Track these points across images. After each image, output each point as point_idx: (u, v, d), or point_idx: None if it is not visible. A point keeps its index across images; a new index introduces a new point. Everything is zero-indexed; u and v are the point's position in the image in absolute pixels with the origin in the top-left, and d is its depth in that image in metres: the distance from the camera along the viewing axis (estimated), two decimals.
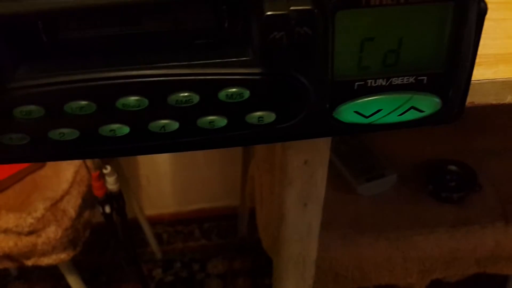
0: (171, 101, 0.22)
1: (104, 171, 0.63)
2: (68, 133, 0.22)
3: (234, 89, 0.22)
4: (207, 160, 1.33)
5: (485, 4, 0.22)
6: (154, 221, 1.38)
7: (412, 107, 0.24)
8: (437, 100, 0.24)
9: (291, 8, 0.20)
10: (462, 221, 0.72)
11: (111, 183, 0.64)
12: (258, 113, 0.23)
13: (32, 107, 0.21)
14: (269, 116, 0.23)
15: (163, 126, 0.23)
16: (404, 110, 0.24)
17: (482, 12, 0.22)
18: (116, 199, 0.66)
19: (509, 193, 0.76)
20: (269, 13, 0.20)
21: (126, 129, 0.23)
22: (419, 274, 0.75)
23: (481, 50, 0.32)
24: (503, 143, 0.82)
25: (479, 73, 0.30)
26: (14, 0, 0.19)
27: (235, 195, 1.35)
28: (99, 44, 0.23)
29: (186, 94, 0.22)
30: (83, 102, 0.22)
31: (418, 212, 0.73)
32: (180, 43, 0.23)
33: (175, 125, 0.23)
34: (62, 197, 0.77)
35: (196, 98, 0.22)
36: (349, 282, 0.73)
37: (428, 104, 0.24)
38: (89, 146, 0.23)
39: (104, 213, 0.66)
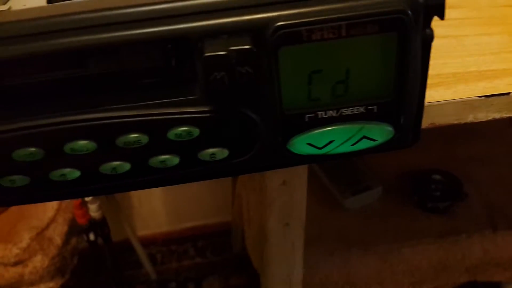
0: (120, 143, 0.22)
1: (86, 198, 0.63)
2: (19, 179, 0.22)
3: (183, 128, 0.22)
4: None
5: (431, 31, 0.22)
6: (148, 242, 1.37)
7: (364, 137, 0.24)
8: (388, 128, 0.24)
9: (230, 48, 0.20)
10: (449, 231, 0.72)
11: (94, 210, 0.63)
12: (210, 150, 0.23)
13: None
14: (221, 153, 0.23)
15: (114, 168, 0.23)
16: (356, 140, 0.24)
17: (428, 38, 0.22)
18: (100, 225, 0.65)
19: (495, 200, 0.75)
20: (208, 54, 0.20)
21: (76, 173, 0.23)
22: (410, 286, 0.75)
23: (441, 69, 0.32)
24: (487, 150, 0.82)
25: (439, 94, 0.30)
26: None
27: (227, 211, 1.35)
28: (45, 89, 0.23)
29: (134, 135, 0.22)
30: (31, 149, 0.22)
31: (405, 224, 0.73)
32: (127, 84, 0.23)
33: (126, 166, 0.23)
34: (47, 225, 0.76)
35: (145, 139, 0.22)
36: None
37: (380, 132, 0.24)
38: (40, 191, 0.23)
39: (88, 240, 0.66)
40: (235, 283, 1.34)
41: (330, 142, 0.24)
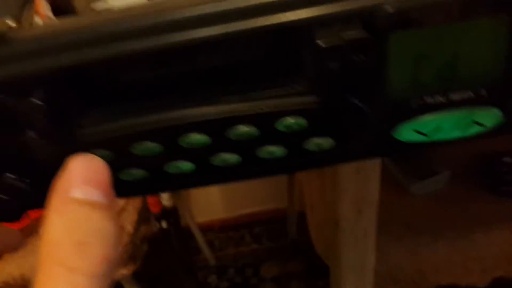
0: (232, 136, 0.23)
1: None
2: (137, 173, 0.23)
3: (291, 120, 0.22)
4: None
5: None
6: (205, 228, 1.41)
7: (474, 122, 0.23)
8: (498, 112, 0.23)
9: (344, 37, 0.20)
10: None
11: (166, 199, 0.65)
12: (317, 140, 0.23)
13: (101, 152, 0.22)
14: (327, 142, 0.23)
15: (225, 160, 0.23)
16: (466, 125, 0.23)
17: None
18: (171, 214, 0.68)
19: None
20: (322, 44, 0.20)
21: (191, 165, 0.23)
22: (481, 273, 0.73)
23: None
24: None
25: None
26: (76, 49, 0.21)
27: (282, 198, 1.36)
28: (157, 84, 0.24)
29: (245, 128, 0.22)
30: (149, 143, 0.23)
31: (476, 209, 0.71)
32: (233, 77, 0.23)
33: (236, 158, 0.23)
34: (119, 214, 0.80)
35: (255, 131, 0.23)
36: (408, 284, 0.72)
37: (490, 117, 0.23)
38: (156, 183, 0.24)
39: (161, 228, 0.68)
40: (293, 268, 1.35)
41: (438, 128, 0.23)
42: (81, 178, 0.18)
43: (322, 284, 1.29)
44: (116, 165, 0.23)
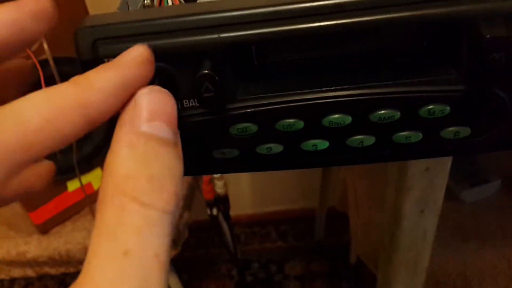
0: (374, 118, 0.23)
1: (215, 175, 0.66)
2: (275, 147, 0.24)
3: (436, 106, 0.23)
4: None
5: None
6: (232, 222, 1.42)
7: None
8: None
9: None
10: None
11: (220, 187, 0.66)
12: (454, 128, 0.24)
13: (247, 125, 0.23)
14: (464, 131, 0.24)
15: (361, 141, 0.24)
16: None
17: None
18: (222, 202, 0.69)
19: None
20: (489, 35, 0.20)
21: (326, 144, 0.24)
22: None
23: None
24: None
25: None
26: (243, 30, 0.21)
27: (310, 198, 1.36)
28: (305, 65, 0.24)
29: (388, 111, 0.23)
30: (293, 120, 0.23)
31: None
32: (380, 62, 0.24)
33: (371, 140, 0.24)
34: None
35: (397, 115, 0.23)
36: None
37: None
38: (290, 159, 0.25)
39: (211, 214, 0.69)
40: (316, 269, 1.36)
41: None
42: (151, 112, 0.17)
43: (346, 285, 1.29)
44: (257, 139, 0.24)
